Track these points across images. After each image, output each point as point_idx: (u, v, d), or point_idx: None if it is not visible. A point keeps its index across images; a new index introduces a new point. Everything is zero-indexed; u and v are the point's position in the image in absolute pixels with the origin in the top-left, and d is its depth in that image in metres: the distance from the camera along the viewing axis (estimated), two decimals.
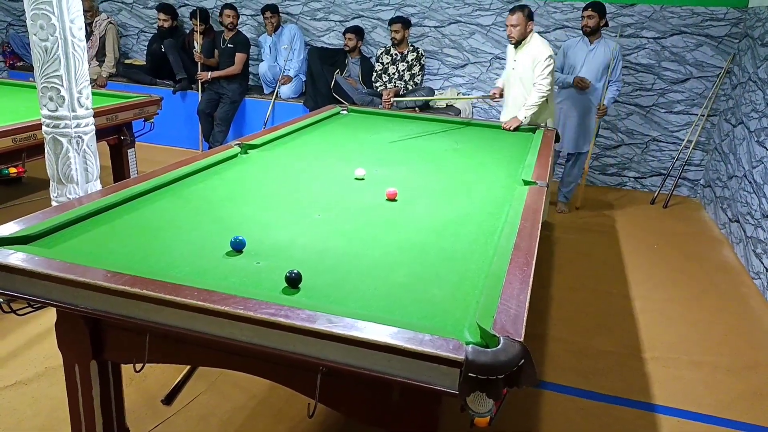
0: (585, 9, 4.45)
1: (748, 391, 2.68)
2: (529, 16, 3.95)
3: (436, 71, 5.91)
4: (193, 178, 2.36)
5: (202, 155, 2.60)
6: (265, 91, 6.13)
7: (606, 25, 4.52)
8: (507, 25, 3.99)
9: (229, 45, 5.79)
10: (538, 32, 5.49)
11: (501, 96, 4.27)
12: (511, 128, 3.82)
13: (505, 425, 2.31)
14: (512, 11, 3.95)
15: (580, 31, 4.89)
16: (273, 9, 5.92)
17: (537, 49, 3.93)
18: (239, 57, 5.77)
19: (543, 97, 3.90)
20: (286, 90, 5.96)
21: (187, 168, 2.39)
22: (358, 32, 5.68)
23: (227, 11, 5.77)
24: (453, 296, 1.52)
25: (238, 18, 5.90)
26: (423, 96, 5.31)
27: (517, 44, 4.01)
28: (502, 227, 1.96)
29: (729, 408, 2.56)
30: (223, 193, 2.24)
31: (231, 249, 1.71)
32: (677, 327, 3.23)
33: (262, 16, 6.01)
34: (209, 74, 5.79)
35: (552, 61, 3.91)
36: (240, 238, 1.71)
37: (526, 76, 4.00)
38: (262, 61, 6.17)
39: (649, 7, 5.19)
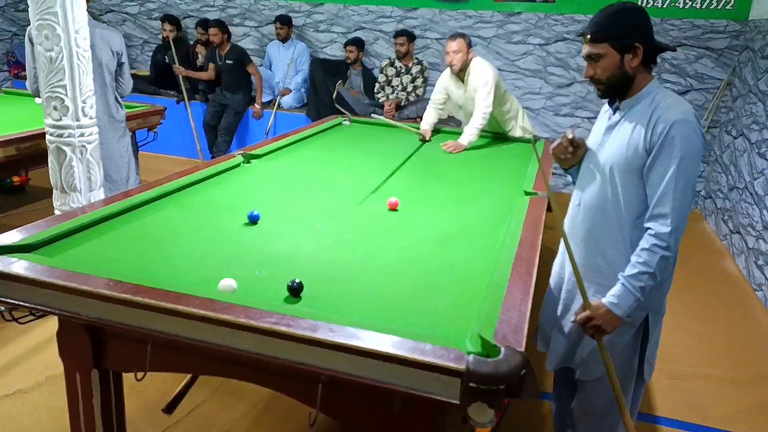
0: (585, 36, 1.74)
1: (754, 404, 2.66)
2: (470, 44, 3.63)
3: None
4: (196, 188, 2.37)
5: (204, 165, 2.61)
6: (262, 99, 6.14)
7: (647, 60, 1.70)
8: (448, 52, 3.62)
9: (227, 61, 5.74)
10: (539, 44, 5.57)
11: (428, 139, 3.77)
12: (453, 151, 3.43)
13: None
14: (452, 38, 3.62)
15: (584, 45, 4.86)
16: (282, 20, 5.96)
17: (477, 74, 3.63)
18: (253, 68, 5.79)
19: (486, 120, 3.57)
20: (288, 100, 5.99)
21: (189, 177, 2.40)
22: (358, 44, 5.72)
23: (212, 29, 5.67)
24: (454, 306, 1.52)
25: (224, 35, 5.70)
26: (424, 107, 5.32)
27: (461, 72, 3.68)
28: (503, 237, 1.96)
29: (735, 421, 2.54)
30: (226, 203, 2.25)
31: (248, 221, 2.01)
32: (681, 339, 3.21)
33: (274, 25, 6.05)
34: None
35: (492, 81, 3.56)
36: (255, 213, 2.02)
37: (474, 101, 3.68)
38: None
39: None
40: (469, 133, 3.56)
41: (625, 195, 1.71)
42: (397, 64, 5.52)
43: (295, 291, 1.50)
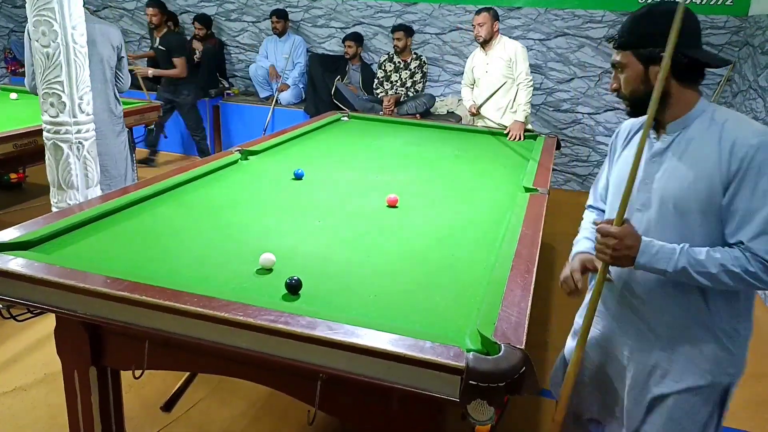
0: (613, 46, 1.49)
1: (753, 401, 2.66)
2: (495, 17, 3.95)
3: (437, 78, 5.92)
4: (194, 184, 2.36)
5: (201, 161, 2.60)
6: (260, 94, 6.11)
7: (687, 75, 1.40)
8: (474, 25, 3.96)
9: (160, 47, 5.34)
10: (539, 39, 5.55)
11: (476, 111, 4.12)
12: (520, 138, 3.71)
13: None
14: (478, 12, 3.94)
15: (584, 41, 4.85)
16: (278, 14, 5.93)
17: (501, 47, 3.96)
18: (179, 62, 5.32)
19: (530, 88, 3.92)
20: (286, 96, 5.97)
21: (187, 174, 2.39)
22: (357, 39, 5.70)
23: (149, 9, 5.33)
24: (454, 303, 1.51)
25: (163, 16, 5.44)
26: (424, 103, 5.31)
27: (485, 44, 3.99)
28: (503, 234, 1.95)
29: (733, 417, 2.52)
30: (224, 200, 2.24)
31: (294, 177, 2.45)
32: None
33: (270, 19, 6.01)
34: (150, 71, 5.38)
35: (521, 52, 3.93)
36: (300, 171, 2.48)
37: (501, 75, 3.99)
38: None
39: None
40: (522, 110, 3.86)
41: (698, 236, 1.38)
42: (396, 59, 5.50)
43: (294, 288, 1.49)
